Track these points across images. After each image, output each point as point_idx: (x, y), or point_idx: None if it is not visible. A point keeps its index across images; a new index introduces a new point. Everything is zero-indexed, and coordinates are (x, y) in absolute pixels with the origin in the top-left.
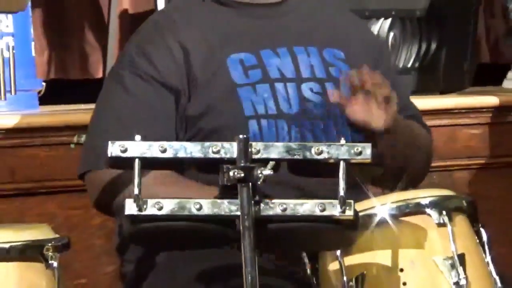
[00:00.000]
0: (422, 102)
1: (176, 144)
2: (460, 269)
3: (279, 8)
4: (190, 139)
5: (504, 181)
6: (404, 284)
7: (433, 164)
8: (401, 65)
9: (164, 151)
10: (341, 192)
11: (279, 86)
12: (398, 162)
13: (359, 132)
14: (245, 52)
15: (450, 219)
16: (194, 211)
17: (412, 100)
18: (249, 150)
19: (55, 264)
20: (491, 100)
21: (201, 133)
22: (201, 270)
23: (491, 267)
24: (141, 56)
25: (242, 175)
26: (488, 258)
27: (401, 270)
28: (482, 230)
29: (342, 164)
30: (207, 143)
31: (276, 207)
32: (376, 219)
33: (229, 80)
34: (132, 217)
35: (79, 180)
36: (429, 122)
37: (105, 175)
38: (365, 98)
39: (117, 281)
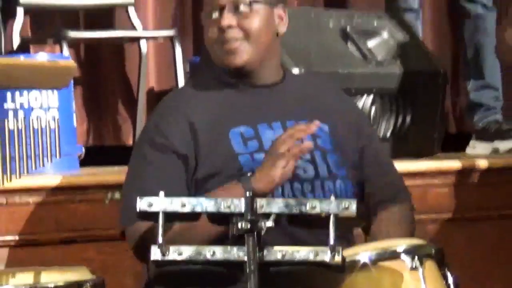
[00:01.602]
0: (399, 166)
1: (193, 200)
2: None
3: (275, 88)
4: None
5: (466, 232)
6: None
7: None
8: (381, 134)
9: (183, 205)
10: (331, 241)
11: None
12: None
13: None
14: (245, 126)
15: (421, 264)
16: (209, 256)
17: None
18: (255, 205)
19: None
20: (456, 164)
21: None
22: None
23: None
24: (157, 132)
25: (249, 226)
26: None
27: None
28: (448, 273)
29: (332, 217)
30: (219, 199)
31: (277, 253)
32: (360, 263)
33: (231, 150)
34: (156, 261)
35: (112, 230)
36: (405, 183)
37: (137, 229)
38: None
39: None
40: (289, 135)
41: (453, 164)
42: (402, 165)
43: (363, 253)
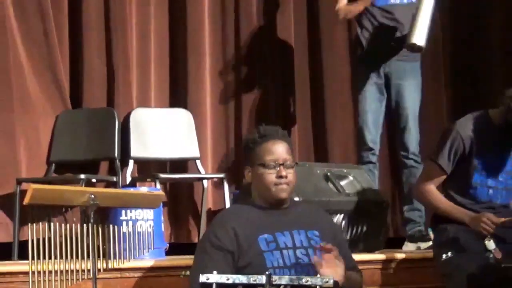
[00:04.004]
0: (359, 256)
1: (234, 276)
2: None
3: (285, 210)
4: None
5: None
6: None
7: None
8: (348, 237)
9: (228, 279)
10: None
11: (284, 251)
12: None
13: None
14: (267, 234)
15: None
16: None
17: (353, 255)
18: (271, 279)
19: None
20: (393, 256)
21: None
22: None
23: None
24: (214, 235)
25: None
26: None
27: None
28: None
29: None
30: (250, 276)
31: None
32: None
33: (259, 249)
34: None
35: None
36: (362, 267)
37: None
38: (329, 261)
39: None
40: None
41: (391, 255)
42: (361, 256)
43: None
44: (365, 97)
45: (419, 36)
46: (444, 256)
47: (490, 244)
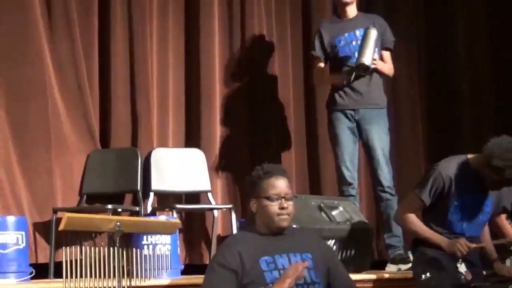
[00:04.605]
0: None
1: None
2: None
3: (283, 236)
4: None
5: None
6: None
7: None
8: (340, 259)
9: None
10: None
11: (282, 271)
12: None
13: None
14: (267, 256)
15: None
16: None
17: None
18: None
19: None
20: (378, 276)
21: None
22: None
23: None
24: (222, 257)
25: None
26: None
27: None
28: None
29: None
30: None
31: None
32: None
33: (260, 270)
34: None
35: None
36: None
37: None
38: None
39: None
40: (294, 267)
41: (375, 276)
42: (351, 276)
43: None
44: (340, 139)
45: (367, 58)
46: (423, 276)
47: (462, 267)
